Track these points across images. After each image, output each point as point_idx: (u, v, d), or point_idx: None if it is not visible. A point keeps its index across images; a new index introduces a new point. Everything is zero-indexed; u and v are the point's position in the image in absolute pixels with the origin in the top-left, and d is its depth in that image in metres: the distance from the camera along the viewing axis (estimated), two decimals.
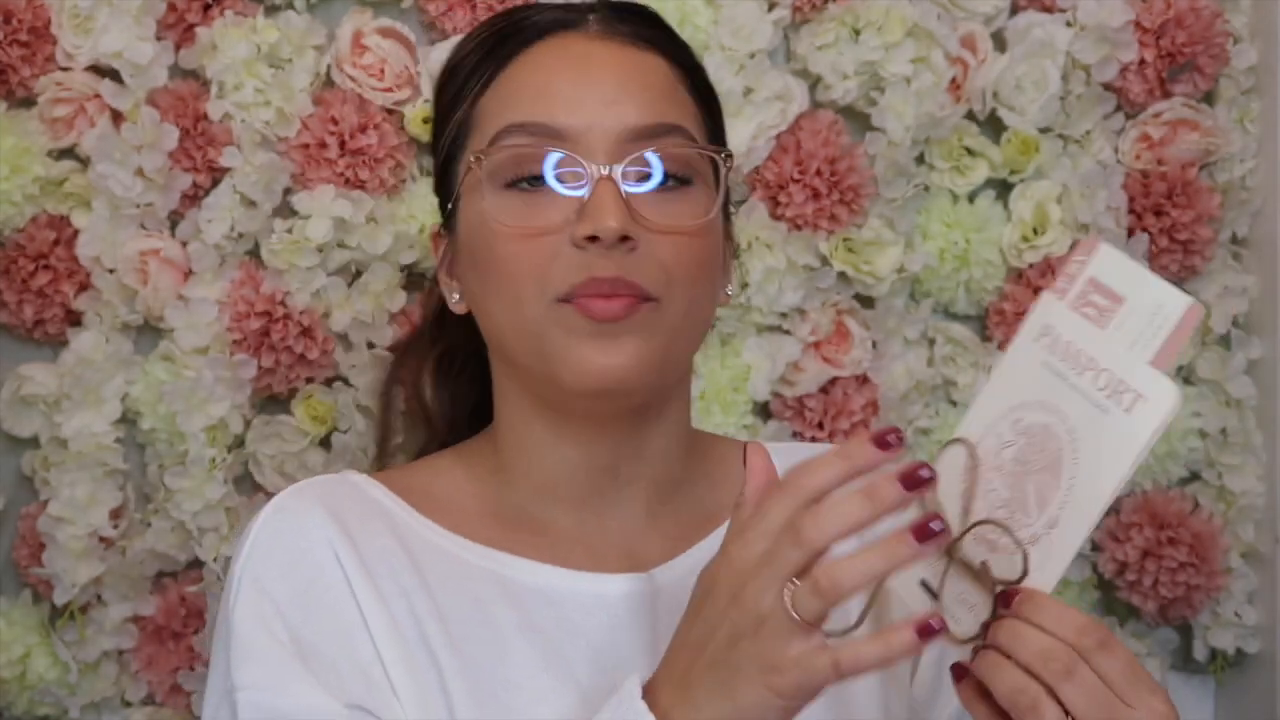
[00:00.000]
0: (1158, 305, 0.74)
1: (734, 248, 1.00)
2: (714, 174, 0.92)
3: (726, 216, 0.96)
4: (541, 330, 0.87)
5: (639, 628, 0.90)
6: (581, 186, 0.86)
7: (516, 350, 0.90)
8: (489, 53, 0.93)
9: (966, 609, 0.75)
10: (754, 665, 0.71)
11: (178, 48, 1.36)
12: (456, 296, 0.96)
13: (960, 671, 0.77)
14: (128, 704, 1.40)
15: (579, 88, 0.89)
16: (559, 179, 0.87)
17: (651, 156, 0.88)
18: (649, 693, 0.76)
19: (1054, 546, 0.73)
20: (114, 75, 1.35)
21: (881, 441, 0.71)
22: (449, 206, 0.95)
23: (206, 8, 1.36)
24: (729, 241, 0.96)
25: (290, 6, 1.38)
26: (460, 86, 0.94)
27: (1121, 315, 0.75)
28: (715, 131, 0.96)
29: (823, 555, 0.70)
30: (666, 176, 0.88)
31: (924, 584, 0.77)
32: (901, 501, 0.70)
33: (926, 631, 0.69)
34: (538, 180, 0.88)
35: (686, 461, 0.98)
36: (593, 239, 0.85)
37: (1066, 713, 0.71)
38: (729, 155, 0.93)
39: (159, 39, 1.35)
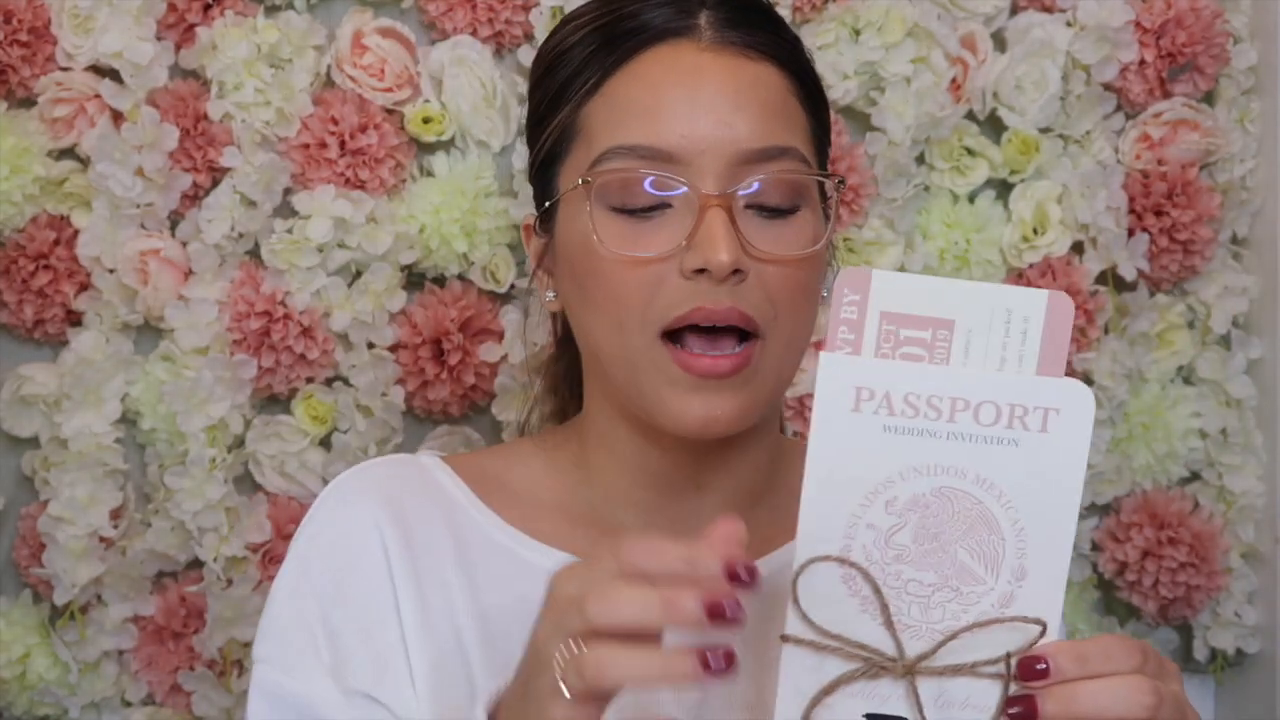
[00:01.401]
0: (1006, 311, 0.67)
1: (834, 261, 0.97)
2: (821, 194, 0.90)
3: (830, 238, 0.93)
4: (643, 366, 0.86)
5: None
6: (691, 212, 0.84)
7: (614, 373, 0.89)
8: (595, 52, 0.89)
9: (971, 712, 0.68)
10: (535, 707, 0.68)
11: (178, 48, 1.36)
12: (551, 295, 0.94)
13: None
14: (128, 704, 1.40)
15: (690, 107, 0.85)
16: (668, 204, 0.85)
17: (763, 181, 0.85)
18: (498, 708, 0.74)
19: (1038, 595, 0.68)
20: (114, 75, 1.35)
21: (732, 571, 0.65)
22: (546, 204, 0.92)
23: (206, 8, 1.36)
24: (831, 258, 0.94)
25: (290, 6, 1.37)
26: (564, 84, 0.90)
27: (960, 340, 0.67)
28: (824, 139, 0.93)
29: (602, 633, 0.65)
30: (776, 209, 0.86)
31: (877, 718, 0.69)
32: (695, 622, 0.64)
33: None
34: (649, 209, 0.85)
35: (771, 471, 0.96)
36: (701, 270, 0.83)
37: None
38: (842, 181, 0.90)
39: (159, 39, 1.35)
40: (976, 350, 0.67)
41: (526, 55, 1.37)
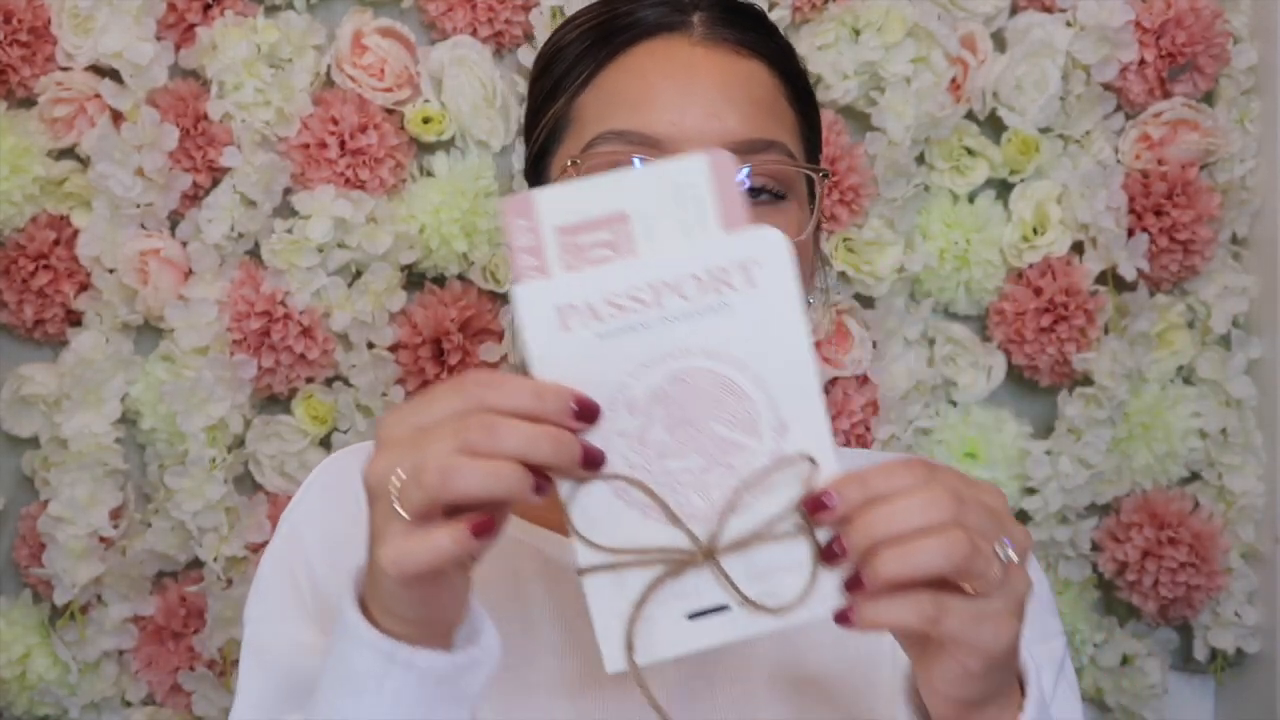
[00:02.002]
0: (673, 187, 0.66)
1: (824, 260, 0.98)
2: (809, 191, 0.91)
3: (817, 231, 0.94)
4: None
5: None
6: None
7: None
8: (589, 48, 0.91)
9: (786, 574, 0.66)
10: (372, 550, 0.67)
11: (178, 48, 1.36)
12: None
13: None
14: (128, 704, 1.40)
15: (681, 97, 0.87)
16: None
17: (749, 171, 0.86)
18: None
19: (805, 440, 0.66)
20: (114, 75, 1.35)
21: (583, 411, 0.65)
22: None
23: (206, 8, 1.36)
24: (818, 253, 0.95)
25: (290, 6, 1.38)
26: (559, 79, 0.92)
27: (640, 228, 0.66)
28: (812, 140, 0.94)
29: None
30: (762, 191, 0.87)
31: (699, 613, 0.67)
32: (563, 415, 0.64)
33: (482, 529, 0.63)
34: None
35: None
36: None
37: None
38: (826, 174, 0.91)
39: (159, 39, 1.35)
40: (659, 232, 0.66)
41: (526, 55, 1.37)
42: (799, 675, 0.90)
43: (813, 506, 0.65)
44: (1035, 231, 1.41)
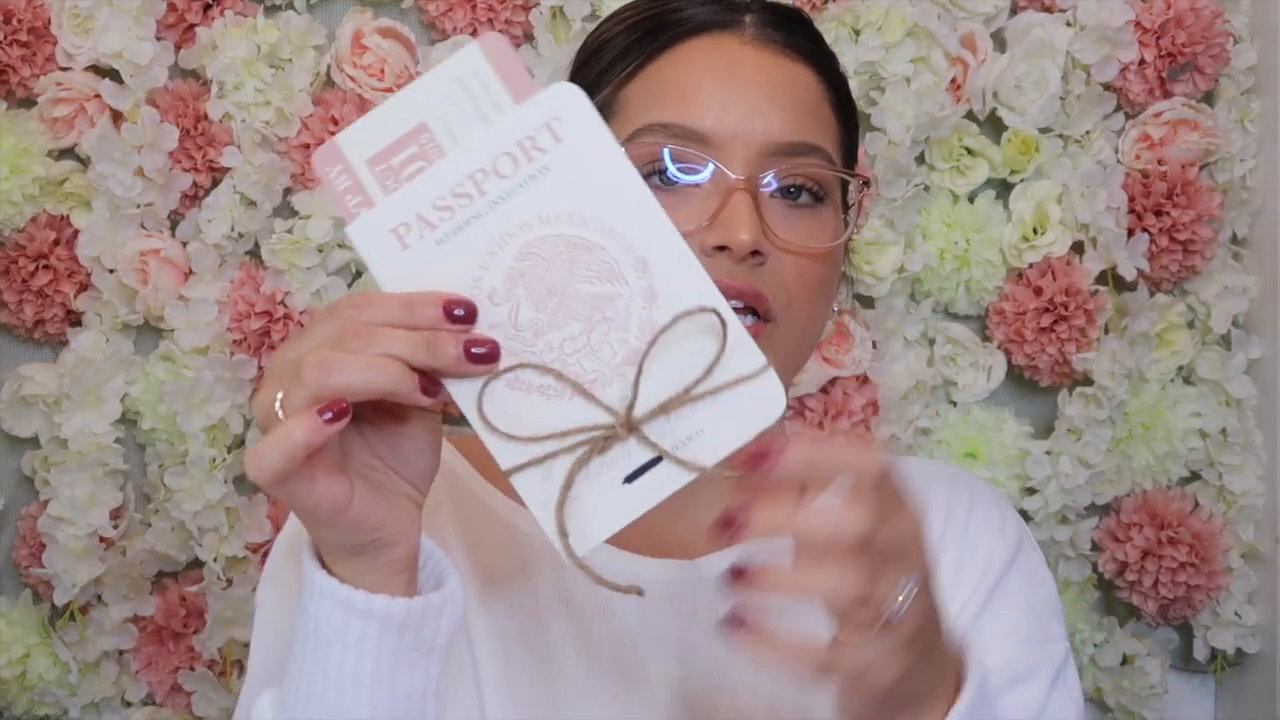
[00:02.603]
0: (458, 83, 0.67)
1: (850, 264, 0.98)
2: (843, 197, 0.91)
3: (847, 242, 0.95)
4: None
5: (674, 615, 0.90)
6: (717, 193, 0.85)
7: None
8: (638, 40, 0.91)
9: (698, 436, 0.66)
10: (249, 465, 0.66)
11: (178, 48, 1.36)
12: None
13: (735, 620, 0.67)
14: (128, 704, 1.40)
15: (727, 93, 0.87)
16: (695, 185, 0.86)
17: (790, 174, 0.86)
18: None
19: (671, 274, 0.66)
20: (114, 75, 1.35)
21: (450, 310, 0.66)
22: None
23: (206, 8, 1.36)
24: (848, 258, 0.96)
25: (290, 6, 1.38)
26: (605, 67, 0.92)
27: (442, 131, 0.67)
28: (851, 148, 0.95)
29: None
30: (801, 192, 0.88)
31: (635, 474, 0.67)
32: (437, 319, 0.65)
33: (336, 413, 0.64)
34: (673, 181, 0.86)
35: None
36: (722, 248, 0.84)
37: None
38: (866, 182, 0.92)
39: (159, 39, 1.35)
40: (460, 129, 0.67)
41: (526, 55, 1.37)
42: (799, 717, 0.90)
43: (756, 458, 0.64)
44: (1035, 231, 1.41)
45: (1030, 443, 1.42)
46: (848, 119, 0.94)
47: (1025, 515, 1.42)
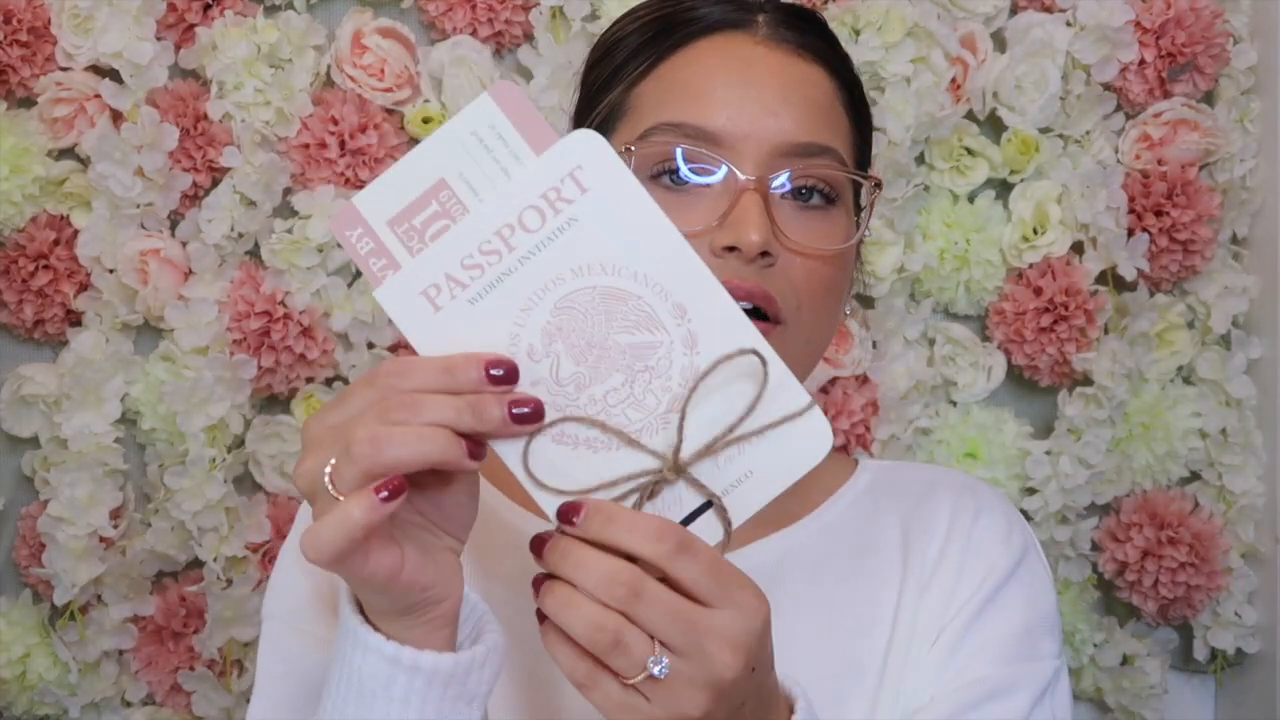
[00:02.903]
0: (474, 137, 0.66)
1: (860, 267, 0.98)
2: (855, 199, 0.91)
3: (859, 245, 0.94)
4: None
5: None
6: (728, 193, 0.85)
7: None
8: (651, 39, 0.91)
9: (748, 478, 0.67)
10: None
11: (178, 48, 1.36)
12: None
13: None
14: (128, 704, 1.40)
15: (739, 93, 0.87)
16: (706, 185, 0.86)
17: (802, 174, 0.86)
18: None
19: (710, 317, 0.66)
20: (114, 75, 1.35)
21: (490, 370, 0.65)
22: None
23: (206, 8, 1.36)
24: (858, 261, 0.95)
25: (290, 6, 1.38)
26: (618, 66, 0.92)
27: (462, 187, 0.66)
28: (864, 150, 0.94)
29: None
30: (813, 193, 0.87)
31: (687, 520, 0.67)
32: (479, 381, 0.65)
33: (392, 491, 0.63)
34: (684, 181, 0.86)
35: None
36: (731, 249, 0.84)
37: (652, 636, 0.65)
38: (878, 184, 0.91)
39: (159, 39, 1.35)
40: (481, 183, 0.66)
41: (527, 55, 1.37)
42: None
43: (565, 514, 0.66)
44: (1035, 231, 1.41)
45: (1030, 443, 1.42)
46: (861, 120, 0.94)
47: (1025, 515, 1.42)
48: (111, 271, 1.35)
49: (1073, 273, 1.40)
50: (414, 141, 1.37)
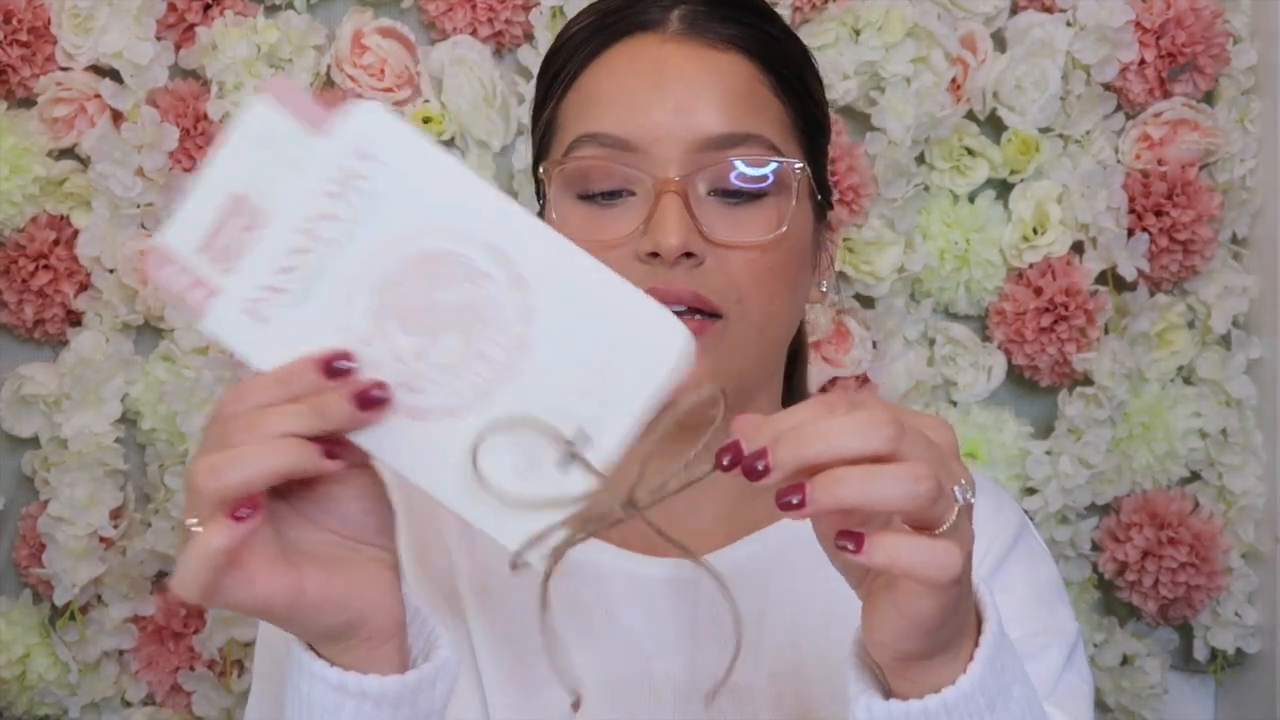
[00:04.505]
0: (257, 141, 0.64)
1: (834, 240, 0.96)
2: (819, 178, 0.90)
3: (821, 216, 0.92)
4: None
5: (675, 614, 0.90)
6: (648, 199, 0.84)
7: None
8: (574, 52, 0.90)
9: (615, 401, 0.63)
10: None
11: (178, 48, 1.36)
12: None
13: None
14: (128, 704, 1.40)
15: (649, 95, 0.86)
16: (631, 191, 0.85)
17: (721, 167, 0.85)
18: None
19: (533, 251, 0.63)
20: (114, 75, 1.35)
21: (328, 367, 0.63)
22: (541, 201, 0.93)
23: (206, 8, 1.36)
24: (830, 234, 0.94)
25: (290, 6, 1.38)
26: (549, 85, 0.92)
27: (258, 194, 0.64)
28: (808, 131, 0.92)
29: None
30: (737, 189, 0.85)
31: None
32: (317, 383, 0.63)
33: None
34: (610, 194, 0.85)
35: None
36: (654, 254, 0.83)
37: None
38: (802, 167, 0.88)
39: (159, 39, 1.35)
40: (276, 186, 0.64)
41: (526, 55, 1.37)
42: (799, 680, 0.90)
43: (748, 468, 0.60)
44: (1035, 231, 1.41)
45: (1030, 443, 1.42)
46: (798, 99, 0.91)
47: (1025, 515, 1.42)
48: (111, 271, 1.35)
49: (1073, 273, 1.40)
50: None
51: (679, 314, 0.73)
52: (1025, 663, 0.88)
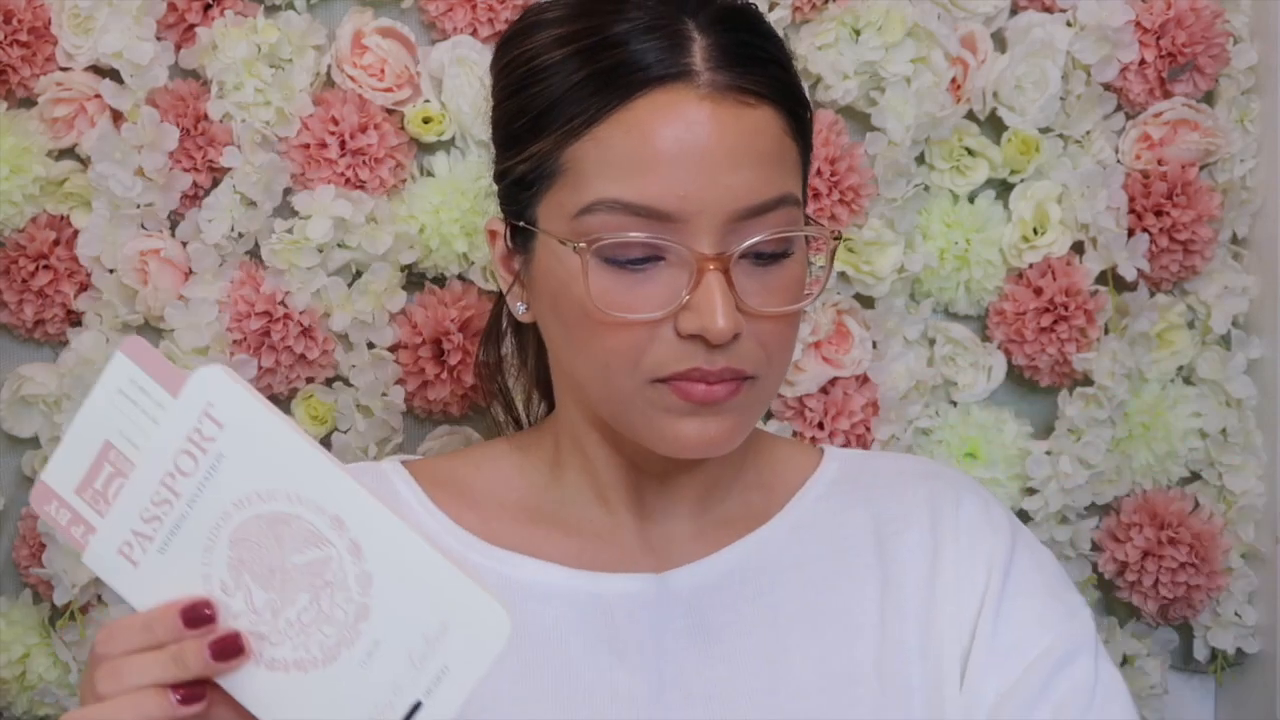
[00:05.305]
0: (120, 395, 0.69)
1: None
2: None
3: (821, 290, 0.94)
4: (634, 403, 0.85)
5: (637, 628, 0.90)
6: (684, 270, 0.83)
7: (599, 407, 0.89)
8: (582, 86, 0.85)
9: (445, 674, 0.69)
10: None
11: (178, 48, 1.36)
12: (523, 307, 0.93)
13: None
14: None
15: (688, 167, 0.82)
16: (660, 257, 0.83)
17: (757, 243, 0.84)
18: None
19: (357, 509, 0.68)
20: (114, 75, 1.35)
21: (191, 617, 0.68)
22: (521, 225, 0.90)
23: (206, 8, 1.36)
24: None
25: (290, 6, 1.37)
26: (545, 111, 0.86)
27: (124, 444, 0.69)
28: (808, 163, 0.92)
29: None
30: (769, 253, 0.85)
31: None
32: (178, 630, 0.67)
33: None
34: (641, 261, 0.83)
35: (739, 466, 0.97)
36: (697, 335, 0.82)
37: None
38: (838, 235, 0.89)
39: (159, 39, 1.35)
40: (137, 437, 0.69)
41: None
42: (786, 692, 0.90)
43: None
44: (1035, 231, 1.41)
45: (1030, 443, 1.42)
46: (805, 133, 0.91)
47: (1025, 515, 1.42)
48: (111, 271, 1.35)
49: (1073, 273, 1.40)
50: (415, 142, 1.38)
51: (714, 384, 0.79)
52: (1064, 667, 0.88)
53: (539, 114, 0.87)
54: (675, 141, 0.83)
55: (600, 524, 0.94)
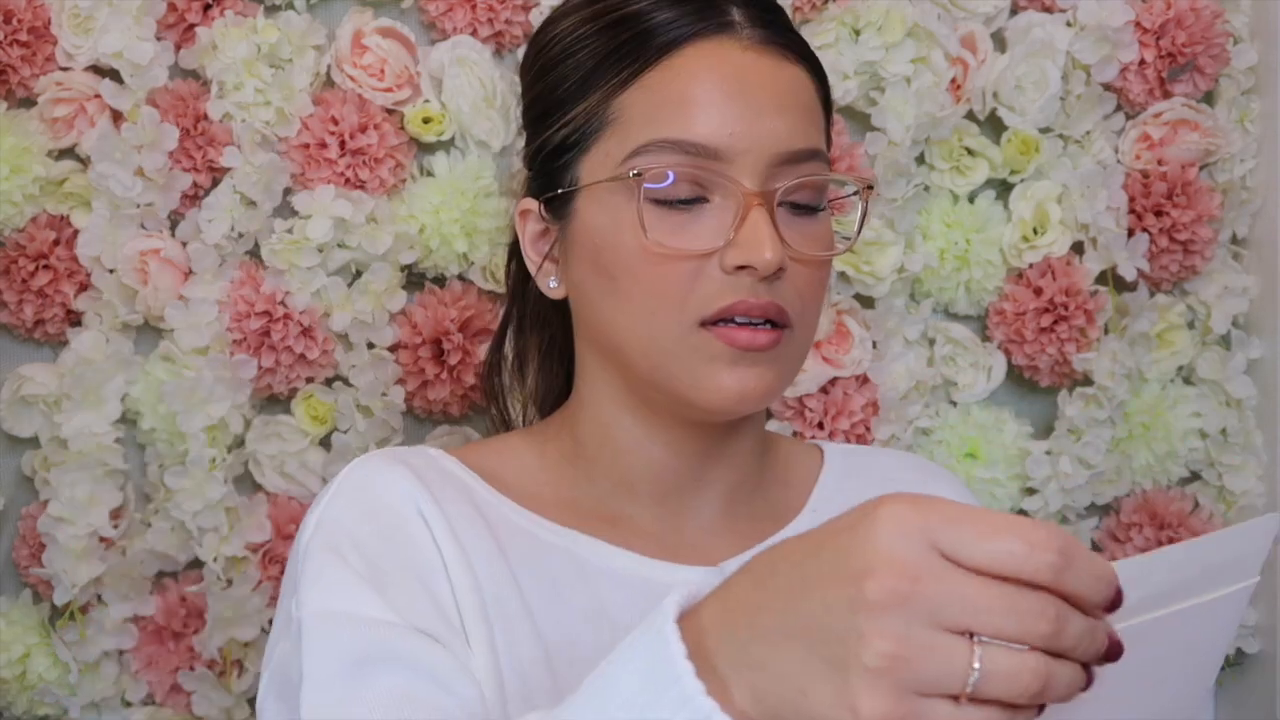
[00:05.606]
0: None
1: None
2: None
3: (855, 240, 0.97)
4: (677, 352, 0.87)
5: None
6: (731, 207, 0.85)
7: (639, 362, 0.89)
8: (626, 45, 0.89)
9: None
10: (861, 682, 0.54)
11: (178, 48, 1.36)
12: (554, 282, 0.95)
13: None
14: (128, 704, 1.40)
15: (735, 105, 0.86)
16: (705, 198, 0.86)
17: (796, 185, 0.87)
18: (690, 620, 0.61)
19: None
20: (114, 75, 1.35)
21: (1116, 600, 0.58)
22: (559, 191, 0.92)
23: (206, 8, 1.36)
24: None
25: (290, 6, 1.37)
26: (588, 75, 0.91)
27: None
28: (829, 137, 0.95)
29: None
30: (805, 202, 0.88)
31: None
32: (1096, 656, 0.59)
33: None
34: (688, 201, 0.86)
35: (761, 463, 0.99)
36: (743, 267, 0.84)
37: None
38: (870, 187, 0.93)
39: (159, 39, 1.35)
40: None
41: None
42: None
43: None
44: (1035, 231, 1.41)
45: (1030, 443, 1.43)
46: (829, 108, 0.96)
47: (1025, 515, 1.42)
48: (111, 271, 1.35)
49: (1073, 273, 1.40)
50: (414, 142, 1.37)
51: (758, 327, 0.80)
52: None
53: (584, 76, 0.91)
54: (722, 83, 0.87)
55: (640, 518, 0.94)
